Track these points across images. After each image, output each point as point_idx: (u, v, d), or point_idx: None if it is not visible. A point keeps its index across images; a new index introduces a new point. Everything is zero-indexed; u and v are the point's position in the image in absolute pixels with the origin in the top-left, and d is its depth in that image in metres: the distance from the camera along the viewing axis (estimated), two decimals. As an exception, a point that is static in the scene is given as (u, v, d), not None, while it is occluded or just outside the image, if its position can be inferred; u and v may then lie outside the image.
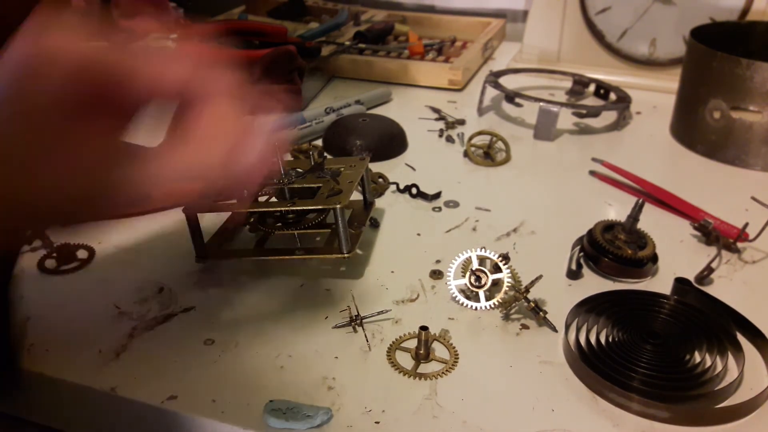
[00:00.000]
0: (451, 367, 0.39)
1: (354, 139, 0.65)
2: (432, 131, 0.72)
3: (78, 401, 0.39)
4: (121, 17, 0.81)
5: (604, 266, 0.48)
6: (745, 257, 0.51)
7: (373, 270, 0.49)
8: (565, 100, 0.80)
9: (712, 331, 0.41)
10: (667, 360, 0.39)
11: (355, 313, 0.42)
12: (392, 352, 0.40)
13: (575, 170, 0.64)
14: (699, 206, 0.56)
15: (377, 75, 0.86)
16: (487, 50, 0.95)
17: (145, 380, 0.38)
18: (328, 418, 0.35)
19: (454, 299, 0.45)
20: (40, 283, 0.46)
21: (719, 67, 0.64)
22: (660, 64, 0.83)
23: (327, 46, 0.89)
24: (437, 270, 0.48)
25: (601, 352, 0.39)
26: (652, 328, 0.41)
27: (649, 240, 0.49)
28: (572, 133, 0.73)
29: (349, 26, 0.98)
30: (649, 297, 0.44)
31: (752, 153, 0.64)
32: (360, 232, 0.50)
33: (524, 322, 0.43)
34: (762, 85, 0.61)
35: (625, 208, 0.50)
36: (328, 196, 0.46)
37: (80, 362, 0.39)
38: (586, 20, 0.85)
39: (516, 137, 0.72)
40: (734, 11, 0.78)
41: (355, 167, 0.50)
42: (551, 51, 0.88)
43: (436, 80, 0.84)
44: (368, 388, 0.38)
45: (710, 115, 0.66)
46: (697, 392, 0.37)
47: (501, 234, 0.53)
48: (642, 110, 0.78)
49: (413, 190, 0.58)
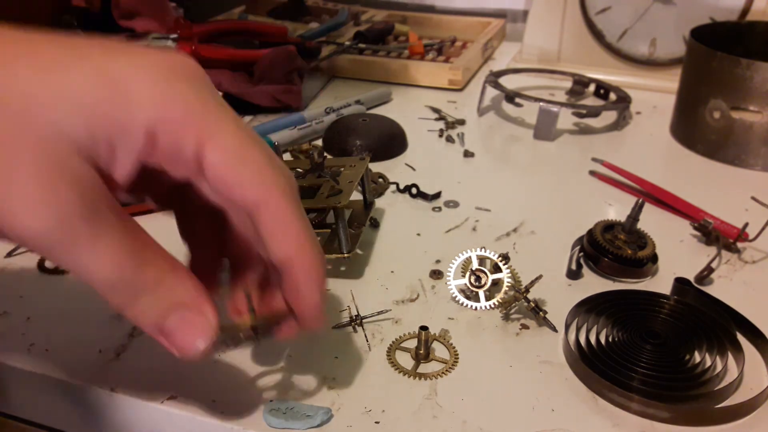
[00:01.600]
0: (451, 367, 0.39)
1: (354, 139, 0.65)
2: (432, 131, 0.72)
3: (78, 401, 0.39)
4: (121, 17, 0.81)
5: (604, 266, 0.48)
6: (745, 257, 0.51)
7: (373, 270, 0.49)
8: (565, 100, 0.80)
9: (712, 331, 0.41)
10: (667, 360, 0.39)
11: (355, 313, 0.42)
12: (392, 352, 0.40)
13: (575, 170, 0.64)
14: (699, 206, 0.56)
15: (377, 75, 0.86)
16: (487, 50, 0.95)
17: (145, 380, 0.38)
18: (328, 418, 0.35)
19: (454, 299, 0.45)
20: (40, 283, 0.46)
21: (719, 67, 0.64)
22: (660, 64, 0.83)
23: (327, 46, 0.89)
24: (437, 270, 0.48)
25: (601, 352, 0.39)
26: (652, 328, 0.41)
27: (649, 240, 0.49)
28: (572, 133, 0.73)
29: (349, 26, 0.98)
30: (649, 297, 0.44)
31: (752, 153, 0.64)
32: (360, 232, 0.50)
33: (524, 322, 0.43)
34: (762, 85, 0.61)
35: (625, 208, 0.50)
36: (328, 196, 0.46)
37: (80, 362, 0.39)
38: (586, 20, 0.85)
39: (516, 137, 0.72)
40: (734, 11, 0.78)
41: (355, 167, 0.50)
42: (551, 51, 0.88)
43: (436, 80, 0.84)
44: (368, 388, 0.38)
45: (710, 115, 0.66)
46: (697, 392, 0.37)
47: (501, 234, 0.53)
48: (642, 110, 0.78)
49: (413, 190, 0.58)
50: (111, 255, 0.25)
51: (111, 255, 0.25)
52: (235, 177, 0.27)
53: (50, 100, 0.24)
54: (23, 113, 0.23)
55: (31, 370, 0.39)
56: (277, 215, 0.28)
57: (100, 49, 0.26)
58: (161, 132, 0.26)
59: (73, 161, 0.24)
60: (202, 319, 0.28)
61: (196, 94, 0.27)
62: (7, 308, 0.43)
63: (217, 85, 0.73)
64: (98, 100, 0.25)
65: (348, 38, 0.92)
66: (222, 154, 0.27)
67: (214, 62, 0.75)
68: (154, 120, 0.25)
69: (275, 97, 0.74)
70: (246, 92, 0.73)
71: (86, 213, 0.24)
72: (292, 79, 0.76)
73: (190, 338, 0.28)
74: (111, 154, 0.25)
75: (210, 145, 0.26)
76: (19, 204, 0.23)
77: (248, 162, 0.27)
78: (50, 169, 0.23)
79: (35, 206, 0.23)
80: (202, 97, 0.27)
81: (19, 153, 0.23)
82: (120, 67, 0.25)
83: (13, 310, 0.43)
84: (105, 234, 0.25)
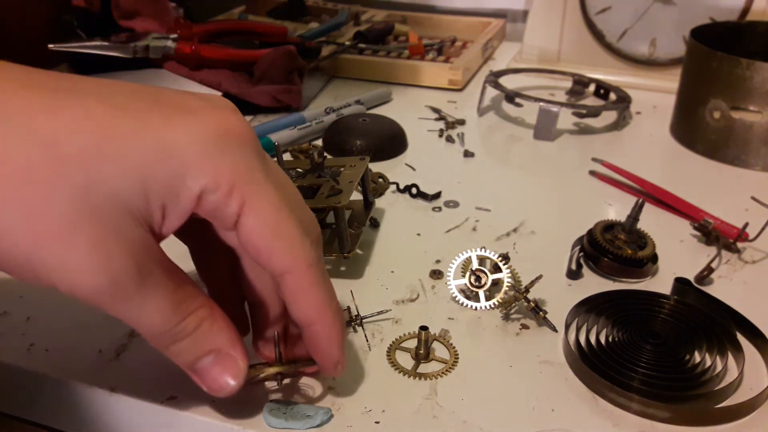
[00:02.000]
0: (451, 367, 0.39)
1: (354, 139, 0.65)
2: (432, 131, 0.72)
3: (78, 401, 0.39)
4: (121, 17, 0.81)
5: (604, 266, 0.48)
6: (745, 257, 0.51)
7: (373, 270, 0.49)
8: (565, 100, 0.80)
9: (712, 331, 0.41)
10: (667, 360, 0.39)
11: (355, 313, 0.42)
12: (392, 352, 0.40)
13: (575, 170, 0.64)
14: (699, 206, 0.56)
15: (377, 75, 0.86)
16: (487, 50, 0.95)
17: (145, 380, 0.38)
18: (328, 418, 0.35)
19: (454, 299, 0.45)
20: (40, 283, 0.46)
21: (719, 67, 0.64)
22: (660, 64, 0.83)
23: (327, 46, 0.89)
24: (437, 270, 0.48)
25: (601, 352, 0.39)
26: (652, 328, 0.41)
27: (649, 240, 0.49)
28: (572, 133, 0.73)
29: (349, 26, 0.98)
30: (649, 297, 0.44)
31: (752, 153, 0.64)
32: (360, 232, 0.50)
33: (524, 322, 0.43)
34: (762, 85, 0.61)
35: (625, 208, 0.50)
36: (328, 196, 0.46)
37: (80, 362, 0.39)
38: (586, 20, 0.85)
39: (516, 137, 0.72)
40: (734, 11, 0.78)
41: (355, 167, 0.50)
42: (551, 51, 0.88)
43: (436, 80, 0.84)
44: (368, 388, 0.38)
45: (710, 115, 0.66)
46: (697, 392, 0.37)
47: (501, 234, 0.53)
48: (642, 110, 0.78)
49: (413, 190, 0.58)
50: (157, 311, 0.28)
51: (157, 311, 0.28)
52: (267, 247, 0.29)
53: (111, 173, 0.26)
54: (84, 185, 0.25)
55: (31, 370, 0.39)
56: (300, 284, 0.31)
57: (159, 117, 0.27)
58: (208, 196, 0.28)
59: (129, 227, 0.26)
60: (233, 363, 0.31)
61: (245, 162, 0.29)
62: (7, 308, 0.43)
63: (217, 85, 0.73)
64: (156, 171, 0.27)
65: (348, 38, 0.92)
66: (258, 224, 0.29)
67: (214, 62, 0.75)
68: (205, 188, 0.28)
69: (275, 97, 0.74)
70: (246, 92, 0.73)
71: (137, 276, 0.26)
72: (292, 79, 0.76)
73: (221, 380, 0.31)
74: (162, 215, 0.28)
75: (249, 212, 0.29)
76: (76, 267, 0.25)
77: (281, 234, 0.30)
78: (107, 237, 0.26)
79: (91, 271, 0.25)
80: (250, 164, 0.29)
81: (78, 222, 0.25)
82: (177, 137, 0.27)
83: (13, 310, 0.43)
84: (153, 292, 0.27)
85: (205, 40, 0.78)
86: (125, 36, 0.77)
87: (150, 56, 0.76)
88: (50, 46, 0.74)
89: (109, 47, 0.75)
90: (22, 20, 0.80)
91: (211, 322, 0.30)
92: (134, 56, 0.75)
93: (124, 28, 0.81)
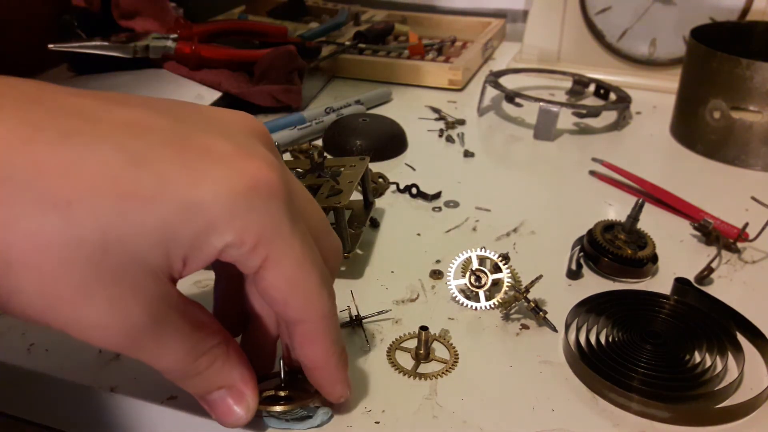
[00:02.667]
0: (451, 367, 0.39)
1: (354, 139, 0.65)
2: (432, 131, 0.72)
3: (78, 401, 0.39)
4: (121, 17, 0.81)
5: (604, 266, 0.48)
6: (745, 257, 0.51)
7: (373, 270, 0.49)
8: (565, 100, 0.80)
9: (712, 331, 0.41)
10: (667, 360, 0.39)
11: (355, 313, 0.42)
12: (392, 352, 0.40)
13: (575, 170, 0.64)
14: (699, 206, 0.56)
15: (377, 75, 0.86)
16: (487, 50, 0.95)
17: (145, 380, 0.38)
18: (328, 418, 0.35)
19: (454, 299, 0.45)
20: (40, 283, 0.46)
21: (719, 67, 0.64)
22: (660, 64, 0.83)
23: (327, 46, 0.89)
24: (437, 270, 0.48)
25: (601, 352, 0.39)
26: (652, 328, 0.41)
27: (649, 240, 0.49)
28: (572, 133, 0.73)
29: (349, 26, 0.98)
30: (649, 297, 0.44)
31: (752, 153, 0.64)
32: (360, 232, 0.50)
33: (524, 322, 0.43)
34: (762, 85, 0.61)
35: (625, 208, 0.50)
36: (328, 196, 0.46)
37: (80, 362, 0.39)
38: (586, 20, 0.85)
39: (516, 137, 0.72)
40: (734, 11, 0.78)
41: (355, 167, 0.50)
42: (551, 51, 0.88)
43: (436, 80, 0.84)
44: (368, 388, 0.38)
45: (710, 115, 0.66)
46: (697, 392, 0.37)
47: (501, 234, 0.53)
48: (642, 110, 0.78)
49: (413, 190, 0.58)
50: (172, 355, 0.28)
51: (172, 355, 0.28)
52: (284, 299, 0.30)
53: (130, 235, 0.25)
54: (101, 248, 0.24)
55: (31, 370, 0.39)
56: (310, 334, 0.31)
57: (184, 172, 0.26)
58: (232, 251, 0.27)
59: (147, 283, 0.26)
60: (243, 399, 0.31)
61: (272, 217, 0.28)
62: (7, 308, 0.43)
63: (217, 85, 0.73)
64: (179, 231, 0.26)
65: (348, 38, 0.92)
66: (278, 278, 0.29)
67: (214, 62, 0.75)
68: (229, 244, 0.27)
69: (275, 97, 0.73)
70: (246, 92, 0.73)
71: (154, 328, 0.26)
72: (292, 79, 0.76)
73: (230, 412, 0.31)
74: (183, 266, 0.27)
75: (270, 266, 0.28)
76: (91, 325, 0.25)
77: (300, 289, 0.29)
78: (124, 295, 0.25)
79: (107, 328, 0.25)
80: (277, 219, 0.28)
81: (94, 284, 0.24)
82: (203, 194, 0.26)
83: (13, 310, 0.43)
84: (168, 341, 0.27)
85: (205, 40, 0.78)
86: (125, 36, 0.77)
87: (150, 56, 0.76)
88: (50, 46, 0.74)
89: (109, 47, 0.75)
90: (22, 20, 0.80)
91: (224, 360, 0.30)
92: (134, 56, 0.75)
93: (124, 28, 0.81)
